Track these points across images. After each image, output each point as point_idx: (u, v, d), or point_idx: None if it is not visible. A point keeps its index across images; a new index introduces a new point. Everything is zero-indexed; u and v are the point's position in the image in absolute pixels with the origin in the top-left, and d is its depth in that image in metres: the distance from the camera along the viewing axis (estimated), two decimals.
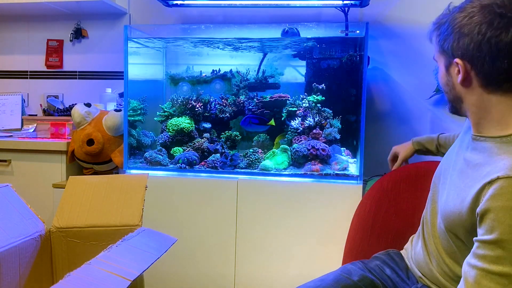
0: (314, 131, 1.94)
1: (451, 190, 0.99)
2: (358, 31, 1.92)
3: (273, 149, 1.94)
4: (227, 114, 2.07)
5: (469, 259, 0.85)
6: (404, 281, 1.16)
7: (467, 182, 0.92)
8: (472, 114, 0.96)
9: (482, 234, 0.83)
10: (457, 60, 0.91)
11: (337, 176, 1.80)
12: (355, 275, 1.14)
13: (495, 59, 0.86)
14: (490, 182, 0.83)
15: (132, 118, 2.08)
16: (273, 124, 1.98)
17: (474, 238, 0.86)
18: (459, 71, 0.92)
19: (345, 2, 1.97)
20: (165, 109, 2.11)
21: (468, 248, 0.90)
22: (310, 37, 2.02)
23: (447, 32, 0.92)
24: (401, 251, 1.26)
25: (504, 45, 0.84)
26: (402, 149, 1.56)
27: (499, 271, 0.79)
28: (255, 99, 2.04)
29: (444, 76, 0.98)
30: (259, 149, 1.98)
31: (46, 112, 2.41)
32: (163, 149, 2.04)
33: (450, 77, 0.96)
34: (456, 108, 1.00)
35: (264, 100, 2.01)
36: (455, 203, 0.94)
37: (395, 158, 1.58)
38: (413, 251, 1.19)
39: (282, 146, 1.94)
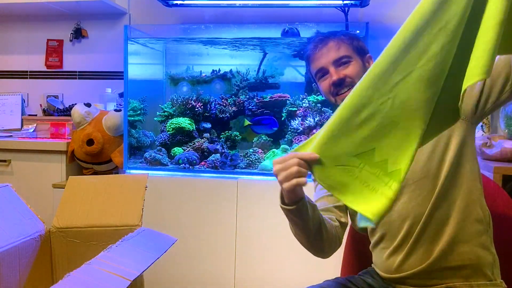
0: (314, 131, 1.94)
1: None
2: (358, 31, 1.92)
3: (273, 149, 1.94)
4: (227, 114, 2.07)
5: None
6: None
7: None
8: None
9: None
10: (369, 54, 1.18)
11: None
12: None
13: None
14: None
15: (132, 118, 2.08)
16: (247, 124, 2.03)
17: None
18: (368, 63, 1.17)
19: (345, 2, 1.97)
20: (165, 109, 2.11)
21: None
22: (310, 37, 2.02)
23: (349, 36, 1.18)
24: None
25: None
26: None
27: None
28: (255, 99, 2.04)
29: (362, 69, 1.14)
30: (259, 149, 1.98)
31: (46, 112, 2.41)
32: (163, 149, 2.04)
33: (365, 68, 1.14)
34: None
35: (264, 100, 2.01)
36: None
37: None
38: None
39: (282, 146, 1.94)
